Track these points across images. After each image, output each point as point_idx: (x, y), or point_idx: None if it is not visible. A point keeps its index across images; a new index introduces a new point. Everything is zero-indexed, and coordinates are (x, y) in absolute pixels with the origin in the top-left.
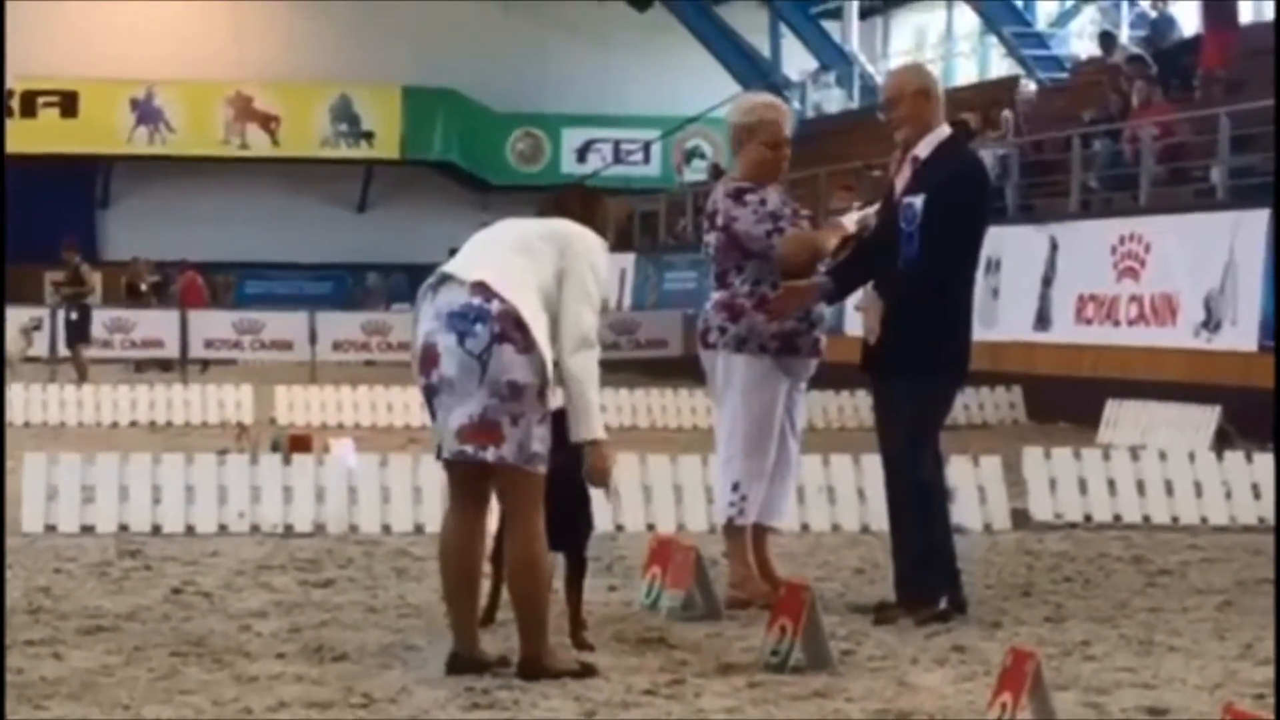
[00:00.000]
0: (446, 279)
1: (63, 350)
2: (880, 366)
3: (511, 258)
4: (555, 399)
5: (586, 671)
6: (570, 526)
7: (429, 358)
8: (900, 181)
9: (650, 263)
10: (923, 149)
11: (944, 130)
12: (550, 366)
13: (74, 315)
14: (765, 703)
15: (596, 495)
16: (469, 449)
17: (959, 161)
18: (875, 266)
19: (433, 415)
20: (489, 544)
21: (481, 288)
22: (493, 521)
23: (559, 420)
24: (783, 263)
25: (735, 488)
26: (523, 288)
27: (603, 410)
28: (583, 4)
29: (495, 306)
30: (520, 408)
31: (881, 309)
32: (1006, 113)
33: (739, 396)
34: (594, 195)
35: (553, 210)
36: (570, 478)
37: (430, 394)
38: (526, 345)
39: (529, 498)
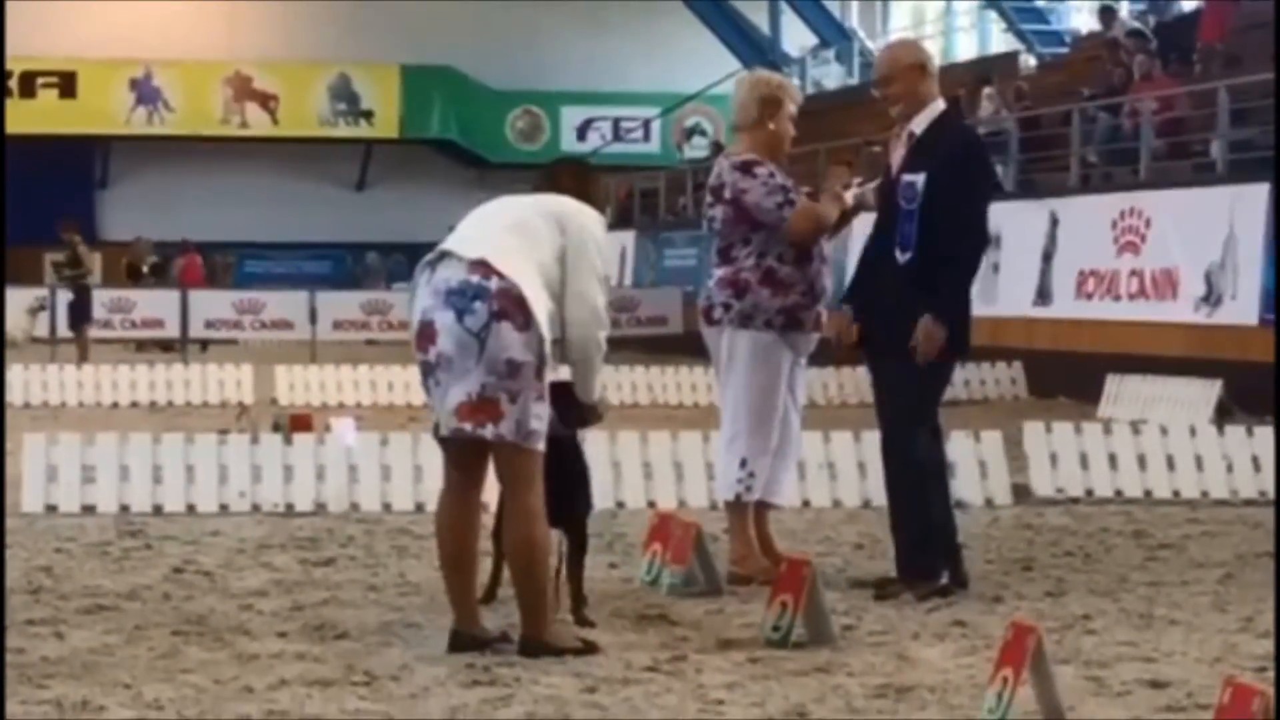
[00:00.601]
0: (445, 256)
1: (64, 331)
2: (876, 346)
3: (510, 236)
4: (554, 375)
5: (588, 649)
6: (570, 504)
7: (426, 334)
8: (896, 158)
9: (650, 240)
10: (918, 125)
11: (939, 105)
12: (549, 344)
13: (74, 296)
14: (766, 678)
15: (595, 474)
16: (467, 426)
17: (958, 138)
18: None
19: (427, 391)
20: (489, 521)
21: (480, 265)
22: (492, 498)
23: (558, 397)
24: (792, 236)
25: (743, 464)
26: (522, 265)
27: (604, 387)
28: None
29: (494, 284)
30: (518, 385)
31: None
32: (988, 90)
33: (744, 373)
34: (589, 169)
35: (548, 186)
36: (570, 455)
37: (427, 370)
38: (525, 322)
39: (527, 475)
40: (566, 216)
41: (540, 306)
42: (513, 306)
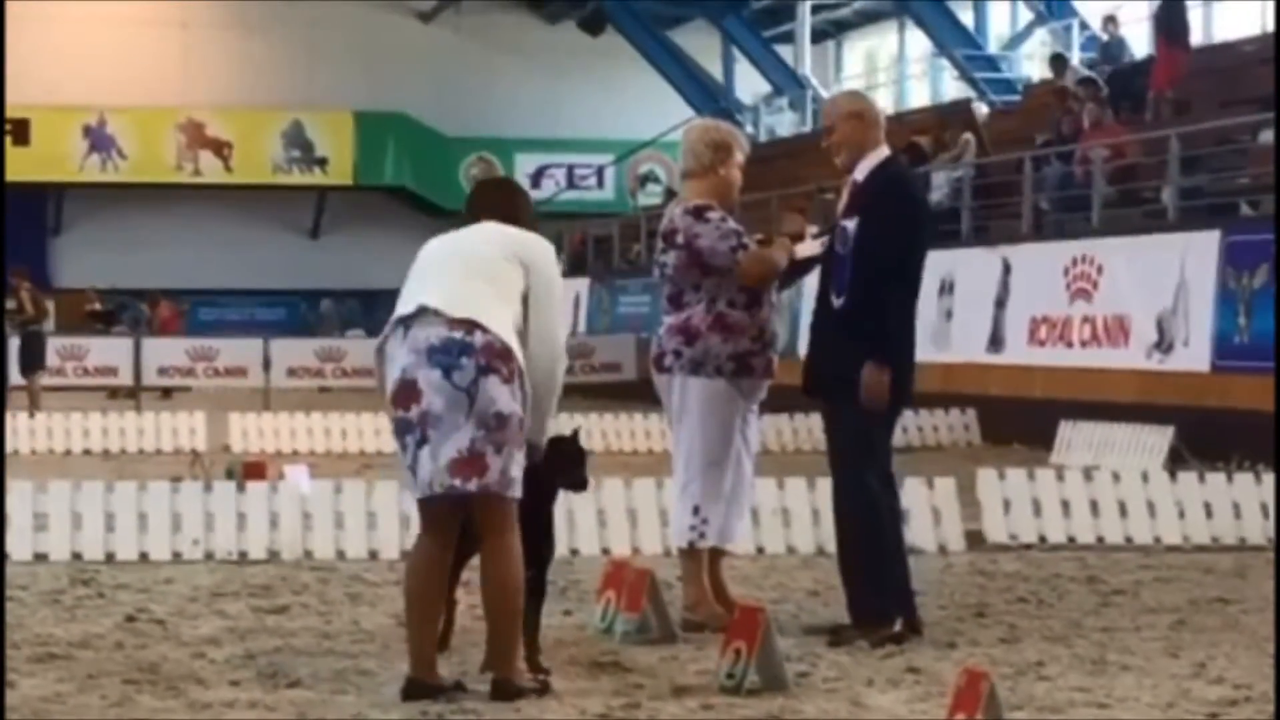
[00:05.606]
0: (423, 312)
1: (16, 379)
2: (821, 392)
3: (484, 284)
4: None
5: (544, 689)
6: (532, 551)
7: (409, 393)
8: (840, 206)
9: (604, 287)
10: (860, 172)
11: (881, 152)
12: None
13: (21, 343)
14: None
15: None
16: (457, 482)
17: (891, 184)
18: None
19: (403, 449)
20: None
21: (464, 322)
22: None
23: (558, 455)
24: (744, 279)
25: (695, 511)
26: (501, 316)
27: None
28: (535, 28)
29: (479, 339)
30: (504, 437)
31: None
32: (967, 135)
33: (696, 420)
34: (516, 189)
35: (481, 208)
36: (532, 503)
37: (406, 428)
38: (510, 375)
39: (508, 522)
40: (529, 257)
41: (521, 356)
42: (498, 360)
